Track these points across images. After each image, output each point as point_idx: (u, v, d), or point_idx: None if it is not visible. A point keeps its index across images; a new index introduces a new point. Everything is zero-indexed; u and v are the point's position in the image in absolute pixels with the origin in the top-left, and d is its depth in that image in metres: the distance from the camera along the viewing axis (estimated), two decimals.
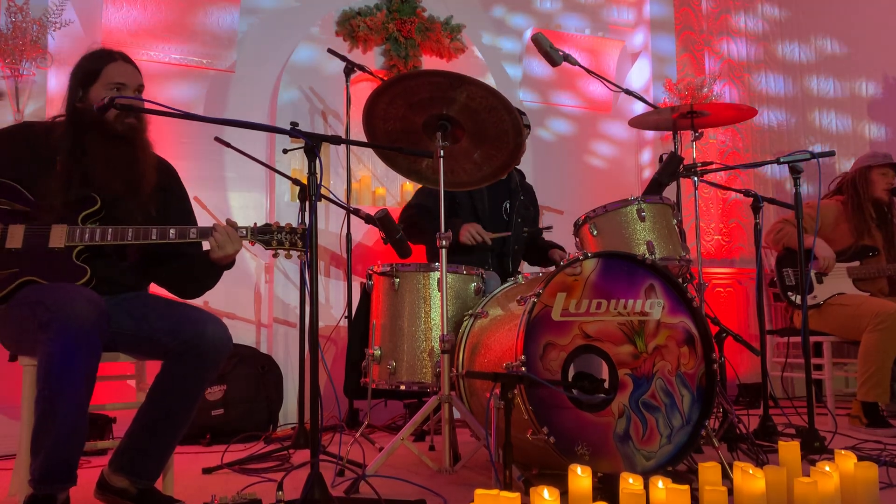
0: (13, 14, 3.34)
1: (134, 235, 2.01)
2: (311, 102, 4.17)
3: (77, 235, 1.98)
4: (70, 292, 1.83)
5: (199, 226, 2.09)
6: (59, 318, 1.75)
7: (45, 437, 1.73)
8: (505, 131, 2.52)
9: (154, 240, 2.02)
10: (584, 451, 2.13)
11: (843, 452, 1.94)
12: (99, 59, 2.14)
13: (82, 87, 2.12)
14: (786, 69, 5.59)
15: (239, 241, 2.07)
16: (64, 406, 1.72)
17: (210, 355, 1.93)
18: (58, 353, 1.73)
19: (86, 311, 1.78)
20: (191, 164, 3.81)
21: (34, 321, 1.79)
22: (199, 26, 3.89)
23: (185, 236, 2.04)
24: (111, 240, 2.00)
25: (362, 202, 4.18)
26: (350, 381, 3.19)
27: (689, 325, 2.36)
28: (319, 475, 1.87)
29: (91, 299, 1.82)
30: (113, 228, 2.01)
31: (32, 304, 1.83)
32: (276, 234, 2.08)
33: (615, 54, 5.01)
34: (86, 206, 2.04)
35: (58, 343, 1.73)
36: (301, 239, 2.10)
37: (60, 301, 1.78)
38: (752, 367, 4.70)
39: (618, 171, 5.07)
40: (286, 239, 2.09)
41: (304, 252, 2.08)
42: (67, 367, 1.73)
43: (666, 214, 2.69)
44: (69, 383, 1.73)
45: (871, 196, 3.87)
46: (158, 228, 2.03)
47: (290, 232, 2.09)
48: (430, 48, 4.39)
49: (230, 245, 2.05)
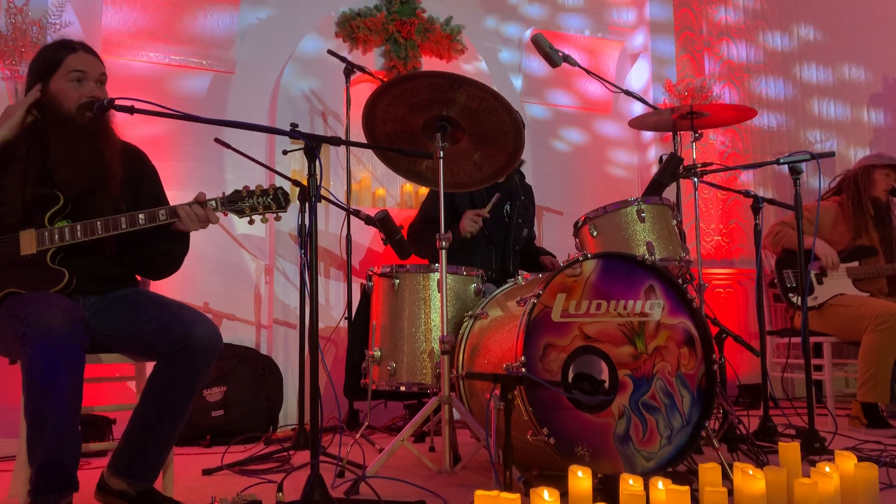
0: (13, 15, 3.34)
1: (104, 228, 1.98)
2: (310, 103, 4.17)
3: (47, 238, 1.96)
4: (43, 304, 1.81)
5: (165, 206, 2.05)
6: (35, 330, 1.74)
7: (36, 447, 1.73)
8: (505, 132, 2.52)
9: (124, 228, 1.98)
10: (585, 452, 2.13)
11: (843, 453, 1.94)
12: (59, 50, 2.09)
13: (41, 79, 2.07)
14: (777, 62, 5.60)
15: (205, 220, 2.02)
16: (51, 417, 1.72)
17: (199, 355, 1.91)
18: (37, 366, 1.72)
19: (58, 320, 1.76)
20: (190, 165, 3.82)
21: (13, 335, 1.79)
22: (198, 27, 3.89)
23: (154, 220, 2.01)
24: (81, 237, 1.97)
25: (362, 203, 4.18)
26: (350, 382, 3.20)
27: (689, 325, 2.36)
28: (319, 476, 1.87)
29: (64, 308, 1.80)
30: (82, 224, 1.98)
31: (12, 317, 1.82)
32: (247, 199, 2.03)
33: (615, 55, 5.02)
34: (49, 204, 2.00)
35: (34, 355, 1.72)
36: (275, 200, 2.02)
37: (34, 313, 1.77)
38: (752, 367, 4.69)
39: (617, 172, 5.07)
40: (259, 203, 2.02)
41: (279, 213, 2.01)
42: (49, 378, 1.72)
43: (666, 215, 2.69)
44: (53, 394, 1.72)
45: (871, 194, 3.88)
46: (127, 216, 1.99)
47: (262, 194, 2.03)
48: (429, 49, 4.39)
49: (195, 224, 2.03)
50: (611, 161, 5.07)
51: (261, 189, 2.05)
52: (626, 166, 5.11)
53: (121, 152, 2.16)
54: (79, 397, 1.80)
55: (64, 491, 1.75)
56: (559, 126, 4.94)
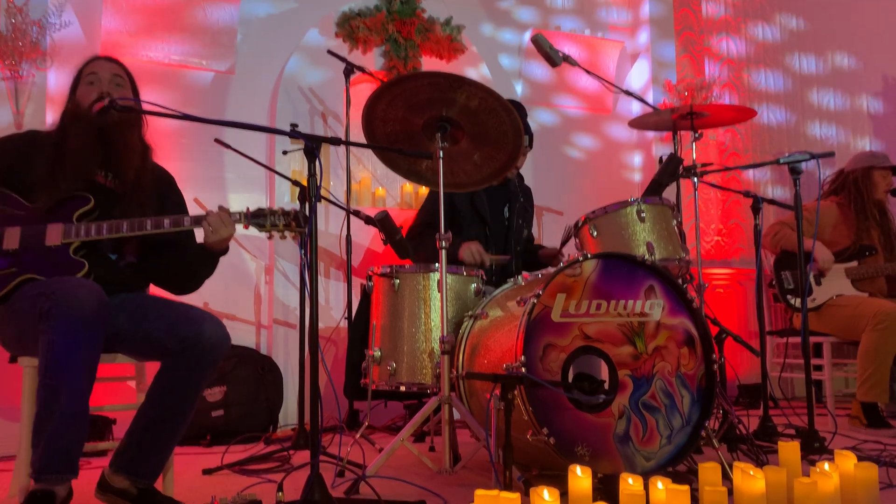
0: (13, 15, 3.34)
1: (129, 227, 2.04)
2: (310, 104, 4.17)
3: (73, 232, 2.01)
4: (71, 281, 1.86)
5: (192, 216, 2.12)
6: (61, 305, 1.76)
7: (46, 425, 1.73)
8: (504, 132, 2.52)
9: (149, 230, 2.04)
10: (584, 452, 2.13)
11: (843, 453, 1.94)
12: (84, 64, 2.23)
13: (72, 91, 2.21)
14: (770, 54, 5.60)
15: (232, 224, 2.11)
16: (66, 394, 1.73)
17: (208, 354, 1.93)
18: (60, 341, 1.74)
19: (87, 298, 1.80)
20: (190, 166, 3.81)
21: (35, 312, 1.80)
22: (198, 27, 3.89)
23: (179, 224, 2.08)
24: (107, 234, 2.02)
25: (362, 203, 4.18)
26: (350, 382, 3.19)
27: (688, 325, 2.36)
28: (319, 476, 1.87)
29: (92, 289, 1.84)
30: (108, 223, 2.03)
31: (33, 297, 1.85)
32: (270, 216, 2.13)
33: (615, 55, 5.01)
34: (79, 205, 2.06)
35: (60, 331, 1.75)
36: (295, 220, 2.14)
37: (61, 290, 1.80)
38: (752, 367, 4.69)
39: (618, 172, 5.07)
40: (280, 221, 2.13)
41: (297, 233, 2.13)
42: (69, 354, 1.75)
43: (666, 215, 2.69)
44: (71, 371, 1.74)
45: (873, 197, 3.88)
46: (153, 219, 2.07)
47: (284, 214, 2.14)
48: (429, 49, 4.39)
49: (224, 228, 2.10)
50: (611, 161, 5.06)
51: (283, 210, 2.16)
52: (627, 167, 5.11)
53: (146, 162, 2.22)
54: (92, 381, 1.82)
55: (67, 473, 1.76)
56: (558, 126, 4.94)
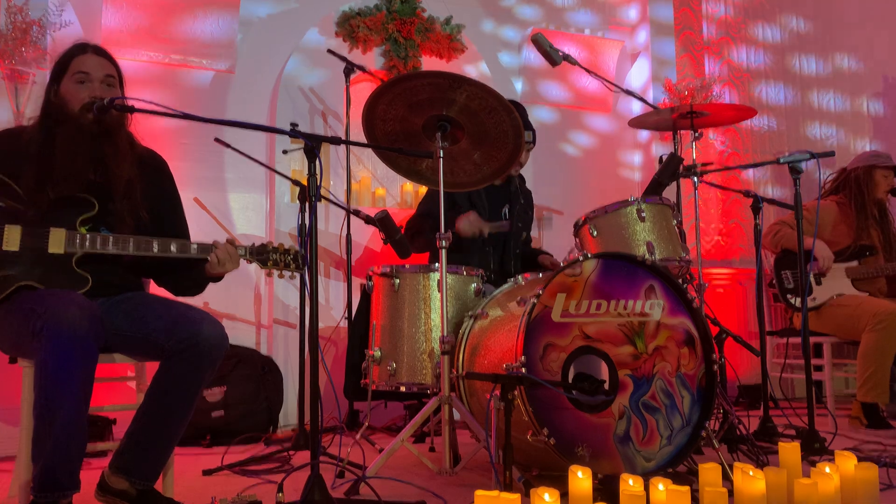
0: (13, 14, 3.33)
1: (135, 247, 2.03)
2: (310, 103, 4.17)
3: (77, 243, 1.98)
4: (62, 299, 1.82)
5: (200, 242, 2.12)
6: (51, 325, 1.74)
7: (44, 444, 1.73)
8: (504, 132, 2.52)
9: (155, 252, 2.05)
10: (585, 453, 2.13)
11: (843, 453, 1.94)
12: (70, 52, 2.15)
13: (55, 81, 2.13)
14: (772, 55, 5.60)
15: (238, 259, 2.15)
16: (61, 413, 1.72)
17: (206, 355, 1.92)
18: (51, 361, 1.73)
19: (78, 317, 1.77)
20: (190, 165, 3.81)
21: (28, 329, 1.79)
22: (198, 27, 3.88)
23: (185, 251, 2.08)
24: (112, 249, 2.01)
25: (362, 203, 4.18)
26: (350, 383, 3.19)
27: (689, 325, 2.36)
28: (319, 477, 1.87)
29: (83, 306, 1.82)
30: (114, 237, 2.01)
31: (26, 311, 1.83)
32: (272, 254, 2.21)
33: (615, 54, 5.01)
34: (82, 209, 2.03)
35: (51, 351, 1.73)
36: (294, 261, 2.23)
37: (52, 309, 1.78)
38: (752, 368, 4.69)
39: (617, 172, 5.06)
40: (280, 259, 2.21)
41: (295, 274, 2.23)
42: (62, 374, 1.73)
43: (666, 215, 2.69)
44: (65, 390, 1.73)
45: (874, 196, 3.89)
46: (159, 242, 2.05)
47: (284, 253, 2.22)
48: (429, 48, 4.39)
49: (230, 263, 2.13)
50: (611, 161, 5.06)
51: (283, 248, 2.22)
52: (626, 166, 5.10)
53: (135, 157, 2.18)
54: (89, 395, 1.81)
55: (68, 489, 1.76)
56: (558, 126, 4.94)
